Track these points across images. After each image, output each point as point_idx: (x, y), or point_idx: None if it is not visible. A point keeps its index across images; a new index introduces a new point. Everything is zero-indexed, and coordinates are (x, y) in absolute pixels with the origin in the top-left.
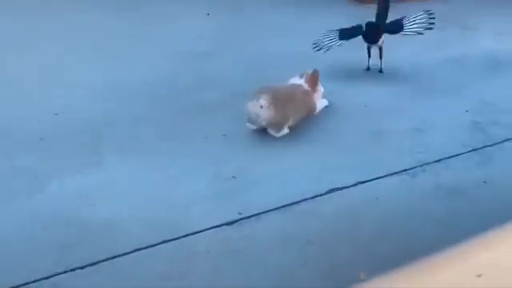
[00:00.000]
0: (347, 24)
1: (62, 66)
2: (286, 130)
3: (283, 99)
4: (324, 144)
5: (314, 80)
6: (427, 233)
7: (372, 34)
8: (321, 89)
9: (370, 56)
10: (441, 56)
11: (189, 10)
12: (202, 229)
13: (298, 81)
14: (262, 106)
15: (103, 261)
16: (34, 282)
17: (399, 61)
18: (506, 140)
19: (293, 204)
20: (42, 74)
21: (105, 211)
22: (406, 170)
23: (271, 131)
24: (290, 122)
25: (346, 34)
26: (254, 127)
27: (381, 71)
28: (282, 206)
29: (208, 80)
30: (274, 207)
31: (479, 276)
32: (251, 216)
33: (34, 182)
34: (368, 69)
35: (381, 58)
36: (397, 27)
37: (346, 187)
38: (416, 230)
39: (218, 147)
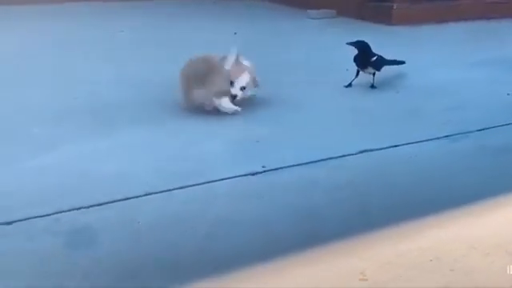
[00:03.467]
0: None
1: (90, 65)
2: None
3: None
4: (351, 117)
5: None
6: (470, 182)
7: (361, 60)
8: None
9: (356, 76)
10: (475, 59)
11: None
12: (222, 177)
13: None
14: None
15: (109, 202)
16: (41, 216)
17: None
18: None
19: (321, 160)
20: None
21: (116, 166)
22: (446, 136)
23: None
24: None
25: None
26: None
27: (373, 86)
28: (310, 162)
29: None
30: (302, 162)
31: None
32: (277, 169)
33: (49, 145)
34: (350, 85)
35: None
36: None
37: (379, 149)
38: (457, 180)
39: (238, 121)
